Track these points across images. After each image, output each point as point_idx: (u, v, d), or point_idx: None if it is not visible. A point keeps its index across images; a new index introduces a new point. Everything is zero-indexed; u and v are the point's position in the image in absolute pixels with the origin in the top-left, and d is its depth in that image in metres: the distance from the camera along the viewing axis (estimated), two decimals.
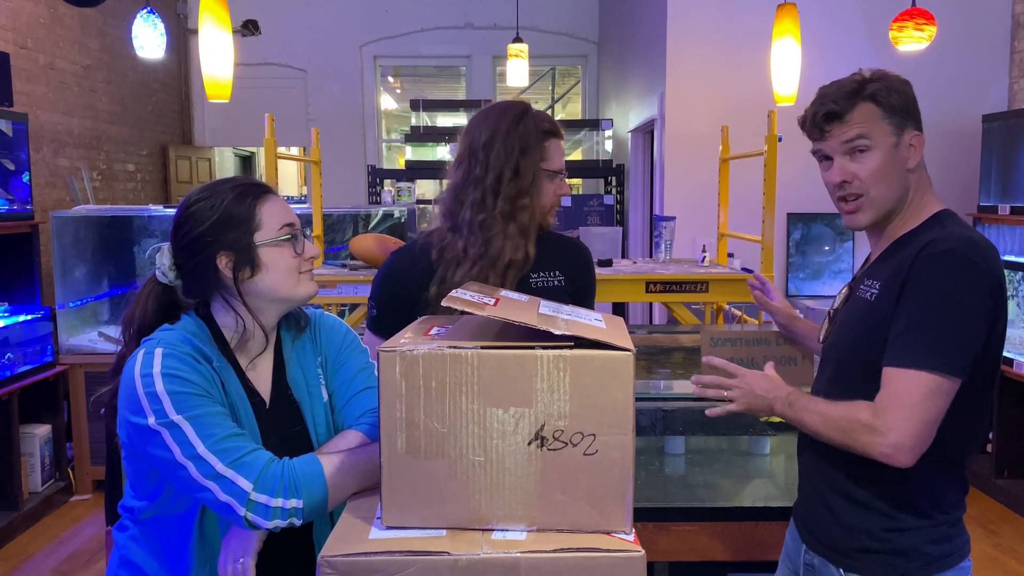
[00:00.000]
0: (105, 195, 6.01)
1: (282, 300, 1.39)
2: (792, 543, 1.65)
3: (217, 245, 1.34)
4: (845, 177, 1.43)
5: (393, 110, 10.29)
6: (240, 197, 1.36)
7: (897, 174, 1.43)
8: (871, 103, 1.42)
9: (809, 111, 1.47)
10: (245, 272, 1.35)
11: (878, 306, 1.41)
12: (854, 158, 1.42)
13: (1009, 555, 3.67)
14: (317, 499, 1.23)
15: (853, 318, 1.49)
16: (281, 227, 1.36)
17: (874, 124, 1.41)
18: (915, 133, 1.44)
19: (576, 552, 1.03)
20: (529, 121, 1.77)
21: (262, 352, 1.43)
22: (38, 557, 3.70)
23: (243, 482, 1.20)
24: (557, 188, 1.82)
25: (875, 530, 1.45)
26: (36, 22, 5.10)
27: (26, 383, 4.03)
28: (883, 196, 1.43)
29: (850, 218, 1.47)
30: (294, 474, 1.23)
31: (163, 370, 1.25)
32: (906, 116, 1.43)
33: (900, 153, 1.42)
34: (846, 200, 1.45)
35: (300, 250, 1.38)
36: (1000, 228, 4.58)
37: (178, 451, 1.21)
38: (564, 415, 1.06)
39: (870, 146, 1.41)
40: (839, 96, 1.43)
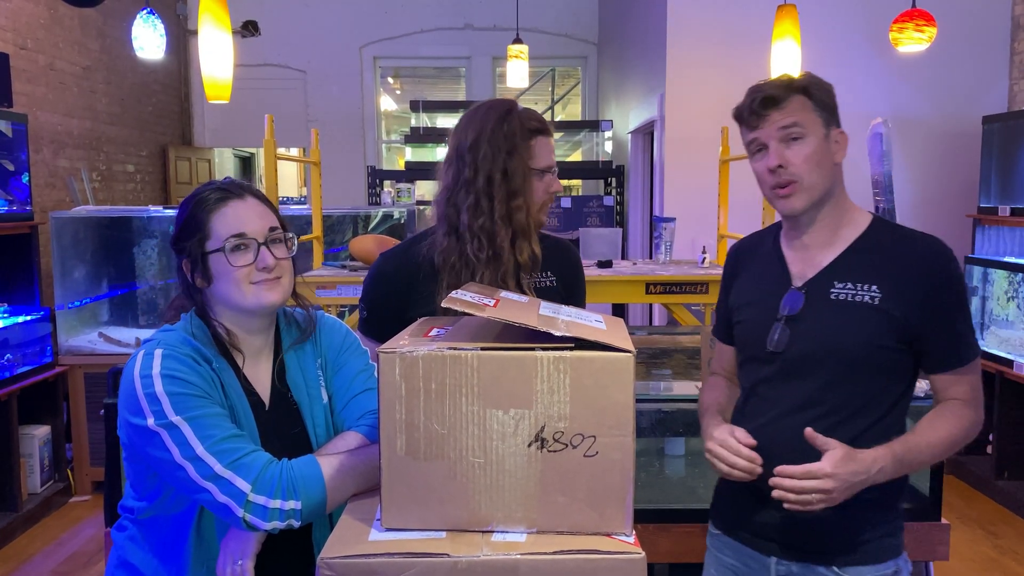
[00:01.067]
0: (105, 196, 6.01)
1: (237, 309, 1.37)
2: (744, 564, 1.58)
3: (182, 251, 1.36)
4: (781, 161, 1.47)
5: (393, 111, 10.29)
6: (200, 204, 1.36)
7: (828, 164, 1.49)
8: (803, 95, 1.48)
9: (746, 100, 1.52)
10: (200, 280, 1.36)
11: (889, 309, 1.44)
12: (789, 145, 1.47)
13: (1009, 556, 3.67)
14: (316, 501, 1.23)
15: (849, 320, 1.46)
16: (228, 236, 1.33)
17: (807, 113, 1.47)
18: (840, 131, 1.52)
19: (576, 554, 1.03)
20: (514, 120, 1.74)
21: (261, 354, 1.42)
22: (37, 558, 3.69)
23: (241, 483, 1.20)
24: (547, 185, 1.79)
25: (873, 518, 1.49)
26: (36, 23, 5.10)
27: (25, 384, 4.03)
28: (815, 183, 1.48)
29: (785, 203, 1.50)
30: (292, 475, 1.22)
31: (162, 371, 1.25)
32: (832, 113, 1.51)
33: (829, 145, 1.49)
34: (781, 186, 1.49)
35: (247, 260, 1.34)
36: (1000, 229, 4.58)
37: (177, 452, 1.21)
38: (564, 417, 1.06)
39: (804, 134, 1.46)
40: (774, 86, 1.49)
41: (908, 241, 1.50)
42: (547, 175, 1.79)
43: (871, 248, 1.50)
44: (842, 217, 1.53)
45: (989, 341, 4.55)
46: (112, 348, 4.50)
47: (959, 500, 4.29)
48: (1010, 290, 4.43)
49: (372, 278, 1.85)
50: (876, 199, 3.39)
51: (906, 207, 4.73)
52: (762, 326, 1.54)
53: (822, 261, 1.52)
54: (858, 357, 1.45)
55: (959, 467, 4.55)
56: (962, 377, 1.48)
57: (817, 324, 1.49)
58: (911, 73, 4.88)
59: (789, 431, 1.44)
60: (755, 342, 1.55)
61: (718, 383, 1.72)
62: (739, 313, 1.63)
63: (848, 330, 1.46)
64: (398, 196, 5.46)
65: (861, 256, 1.50)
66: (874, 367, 1.46)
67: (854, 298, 1.47)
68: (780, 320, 1.52)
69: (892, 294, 1.44)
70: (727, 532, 1.62)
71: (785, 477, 1.36)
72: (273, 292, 1.36)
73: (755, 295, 1.60)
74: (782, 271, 1.57)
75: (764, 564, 1.54)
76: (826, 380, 1.47)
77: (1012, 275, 4.38)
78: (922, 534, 2.12)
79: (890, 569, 1.49)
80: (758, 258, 1.65)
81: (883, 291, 1.45)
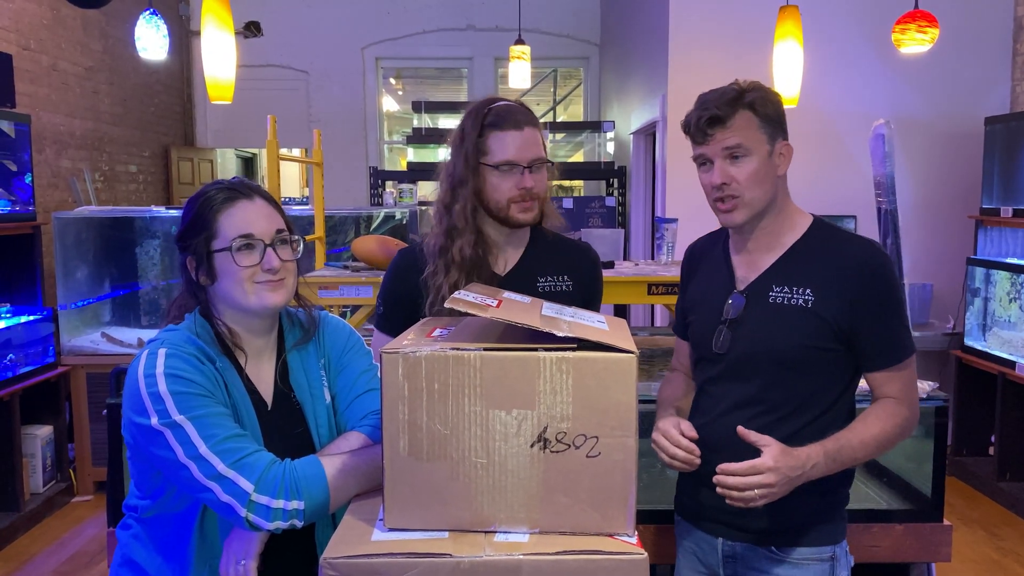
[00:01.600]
0: (107, 196, 6.01)
1: (240, 309, 1.38)
2: (698, 546, 1.66)
3: (187, 249, 1.37)
4: (724, 179, 1.53)
5: (395, 112, 10.30)
6: (207, 202, 1.36)
7: (770, 179, 1.54)
8: (749, 111, 1.52)
9: (693, 115, 1.56)
10: (204, 279, 1.36)
11: (819, 311, 1.51)
12: (733, 163, 1.52)
13: (1011, 558, 3.66)
14: (318, 501, 1.23)
15: (783, 323, 1.53)
16: (236, 236, 1.34)
17: (751, 132, 1.51)
18: (785, 143, 1.57)
19: (579, 554, 1.03)
20: (472, 115, 1.74)
21: (264, 354, 1.43)
22: (39, 558, 3.70)
23: (244, 483, 1.20)
24: (517, 182, 1.71)
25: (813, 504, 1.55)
26: (39, 23, 5.11)
27: (28, 384, 4.03)
28: (757, 198, 1.54)
29: (726, 216, 1.57)
30: (295, 476, 1.23)
31: (166, 370, 1.25)
32: (778, 126, 1.55)
33: (773, 160, 1.54)
34: (723, 200, 1.55)
35: (252, 261, 1.34)
36: (1002, 231, 4.58)
37: (180, 451, 1.22)
38: (567, 417, 1.06)
39: (748, 152, 1.51)
40: (721, 103, 1.52)
41: (841, 244, 1.56)
42: (514, 171, 1.72)
43: (807, 252, 1.57)
44: (784, 223, 1.59)
45: (991, 342, 4.54)
46: (115, 348, 4.51)
47: (961, 501, 4.28)
48: (1012, 291, 4.43)
49: (389, 275, 1.86)
50: (878, 200, 3.39)
51: (908, 208, 4.73)
52: (709, 328, 1.61)
53: (763, 265, 1.59)
54: (793, 358, 1.52)
55: (961, 468, 4.55)
56: (895, 375, 1.53)
57: (755, 327, 1.56)
58: (913, 74, 4.88)
59: (731, 428, 1.50)
60: (703, 343, 1.63)
61: (675, 379, 1.79)
62: (691, 314, 1.70)
63: (782, 332, 1.53)
64: (400, 197, 5.47)
65: (798, 260, 1.57)
66: (809, 367, 1.53)
67: (789, 301, 1.53)
68: (724, 323, 1.59)
69: (823, 296, 1.51)
70: (685, 518, 1.70)
71: (728, 475, 1.41)
72: (276, 293, 1.37)
73: (704, 297, 1.67)
74: (728, 274, 1.64)
75: (713, 545, 1.63)
76: (765, 380, 1.54)
77: (1014, 276, 4.37)
78: (924, 535, 2.12)
79: (827, 553, 1.56)
80: (710, 260, 1.72)
81: (816, 294, 1.52)
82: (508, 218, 1.74)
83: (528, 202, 1.74)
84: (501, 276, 1.78)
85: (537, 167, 1.73)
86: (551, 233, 1.87)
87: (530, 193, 1.73)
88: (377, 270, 3.36)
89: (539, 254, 1.83)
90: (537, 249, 1.84)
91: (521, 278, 1.78)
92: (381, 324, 1.85)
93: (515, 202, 1.72)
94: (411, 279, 1.77)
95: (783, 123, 1.57)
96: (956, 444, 4.63)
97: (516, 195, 1.72)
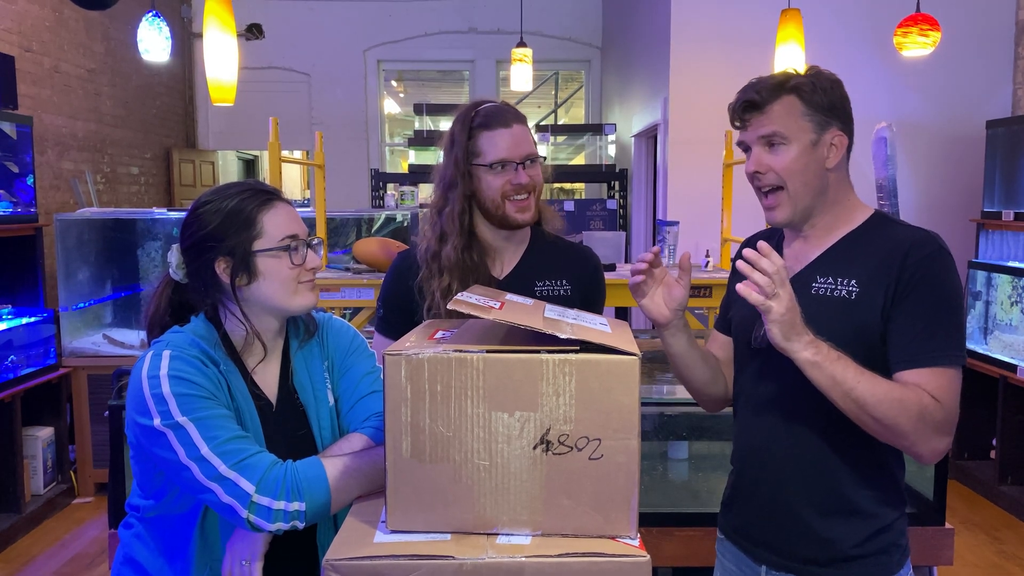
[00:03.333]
0: (109, 198, 6.02)
1: (278, 310, 1.39)
2: (739, 569, 1.56)
3: (217, 250, 1.34)
4: (758, 168, 1.43)
5: (396, 114, 10.31)
6: (244, 203, 1.35)
7: (813, 170, 1.42)
8: (794, 96, 1.41)
9: (734, 99, 1.47)
10: (242, 279, 1.35)
11: (862, 303, 1.38)
12: (769, 151, 1.42)
13: (1013, 562, 3.66)
14: (320, 502, 1.23)
15: (824, 316, 1.38)
16: (283, 237, 1.35)
17: (793, 119, 1.40)
18: (838, 133, 1.43)
19: (581, 557, 1.03)
20: (461, 119, 1.75)
21: (268, 356, 1.43)
22: (40, 560, 3.70)
23: (246, 484, 1.20)
24: (512, 178, 1.71)
25: (857, 536, 1.42)
26: (41, 25, 5.11)
27: (29, 385, 4.03)
28: (799, 192, 1.42)
29: (769, 214, 1.47)
30: (297, 477, 1.23)
31: (170, 372, 1.25)
32: (830, 115, 1.42)
33: (819, 151, 1.42)
34: (765, 194, 1.46)
35: (300, 261, 1.37)
36: (1004, 234, 4.58)
37: (183, 452, 1.22)
38: (570, 419, 1.06)
39: (786, 141, 1.41)
40: (763, 87, 1.43)
41: (894, 232, 1.42)
42: (505, 168, 1.71)
43: (857, 243, 1.45)
44: (839, 217, 1.47)
45: (992, 346, 4.54)
46: (116, 350, 4.51)
47: (962, 505, 4.28)
48: (1014, 295, 4.42)
49: (388, 277, 1.86)
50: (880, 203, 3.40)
51: (909, 211, 4.73)
52: (748, 321, 1.50)
53: (810, 257, 1.48)
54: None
55: (963, 472, 4.54)
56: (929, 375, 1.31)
57: None
58: (915, 77, 4.88)
59: (767, 431, 1.42)
60: (742, 337, 1.53)
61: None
62: (733, 307, 1.60)
63: (821, 325, 1.37)
64: (402, 199, 5.47)
65: (846, 250, 1.45)
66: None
67: (832, 292, 1.41)
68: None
69: (868, 288, 1.38)
70: (728, 537, 1.60)
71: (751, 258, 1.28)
72: (314, 293, 1.41)
73: None
74: None
75: (756, 572, 1.51)
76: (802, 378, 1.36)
77: (1016, 280, 4.37)
78: (926, 539, 2.12)
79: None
80: None
81: (861, 285, 1.39)
82: (505, 218, 1.73)
83: (524, 200, 1.73)
84: (498, 280, 1.77)
85: (531, 163, 1.73)
86: (550, 236, 1.86)
87: (525, 188, 1.72)
88: (378, 272, 3.37)
89: (538, 258, 1.82)
90: (536, 253, 1.83)
91: (519, 282, 1.77)
92: (381, 327, 1.85)
93: (511, 199, 1.72)
94: (410, 282, 1.77)
95: (839, 112, 1.43)
96: (957, 448, 4.62)
97: (511, 191, 1.71)
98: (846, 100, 1.45)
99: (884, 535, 1.43)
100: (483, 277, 1.74)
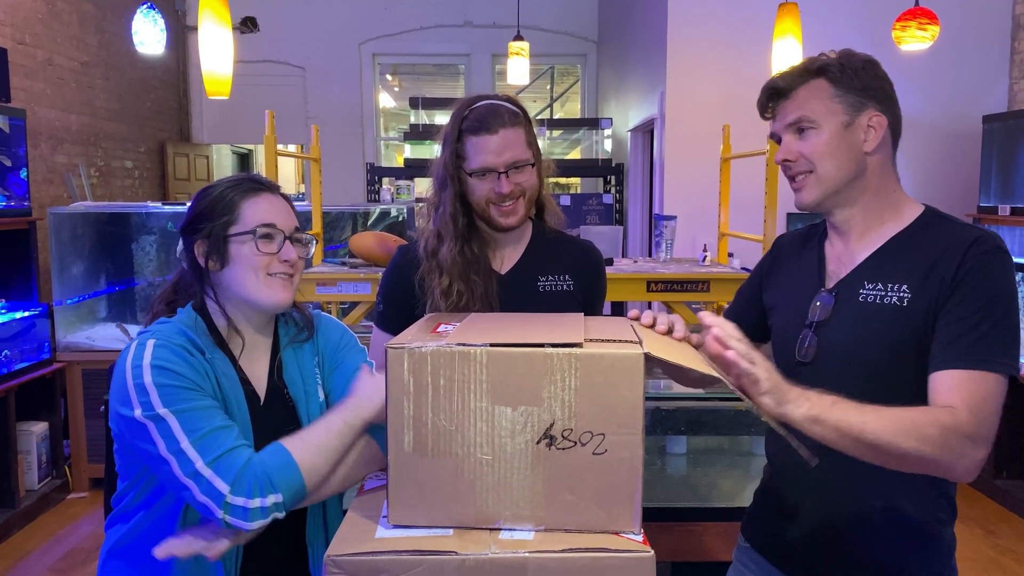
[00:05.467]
0: (103, 192, 5.98)
1: (246, 301, 1.36)
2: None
3: (199, 232, 1.35)
4: (788, 156, 1.36)
5: (391, 108, 10.28)
6: (232, 190, 1.37)
7: (848, 154, 1.33)
8: (822, 79, 1.33)
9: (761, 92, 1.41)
10: (214, 263, 1.35)
11: (916, 311, 1.26)
12: (799, 137, 1.35)
13: (1008, 555, 3.67)
14: (295, 486, 1.21)
15: (874, 326, 1.29)
16: (259, 224, 1.35)
17: (821, 102, 1.33)
18: (875, 113, 1.33)
19: (584, 552, 1.02)
20: (454, 118, 1.72)
21: (257, 349, 1.42)
22: (35, 555, 3.68)
23: (221, 484, 1.18)
24: (494, 187, 1.67)
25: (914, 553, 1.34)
26: (34, 17, 5.08)
27: (23, 380, 4.01)
28: (830, 175, 1.33)
29: (797, 196, 1.37)
30: (266, 469, 1.20)
31: (153, 361, 1.24)
32: (866, 95, 1.33)
33: (854, 133, 1.33)
34: (793, 178, 1.37)
35: (270, 249, 1.35)
36: (1000, 229, 4.58)
37: (163, 445, 1.20)
38: (573, 414, 1.05)
39: (815, 124, 1.33)
40: (789, 74, 1.36)
41: (949, 231, 1.29)
42: (487, 177, 1.68)
43: (908, 243, 1.32)
44: (885, 211, 1.35)
45: None
46: (110, 344, 4.48)
47: (958, 499, 4.28)
48: None
49: (387, 272, 1.85)
50: None
51: None
52: (792, 332, 1.39)
53: (857, 259, 1.36)
54: (885, 369, 1.28)
55: None
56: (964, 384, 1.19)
57: (841, 331, 1.33)
58: (911, 72, 4.88)
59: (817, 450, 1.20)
60: (785, 349, 1.40)
61: None
62: (771, 315, 1.49)
63: (872, 337, 1.29)
64: (398, 193, 5.45)
65: (897, 252, 1.32)
66: (906, 381, 1.26)
67: (882, 300, 1.29)
68: (809, 326, 1.36)
69: (922, 294, 1.26)
70: (755, 547, 1.50)
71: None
72: (286, 291, 1.37)
73: (788, 296, 1.44)
74: (819, 271, 1.41)
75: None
76: (851, 395, 1.21)
77: None
78: None
79: None
80: (800, 254, 1.49)
81: (913, 291, 1.27)
82: (490, 221, 1.72)
83: (509, 206, 1.70)
84: (500, 274, 1.76)
85: (516, 170, 1.68)
86: (553, 231, 1.84)
87: (507, 197, 1.68)
88: (375, 267, 3.35)
89: (540, 252, 1.81)
90: (538, 247, 1.81)
91: (521, 277, 1.76)
92: (380, 321, 1.84)
93: (495, 205, 1.70)
94: (410, 276, 1.76)
95: (877, 90, 1.34)
96: None
97: (495, 198, 1.69)
98: (884, 80, 1.36)
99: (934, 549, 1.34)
100: (484, 270, 1.73)
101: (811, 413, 1.13)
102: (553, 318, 1.28)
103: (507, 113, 1.69)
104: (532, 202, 1.74)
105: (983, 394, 1.19)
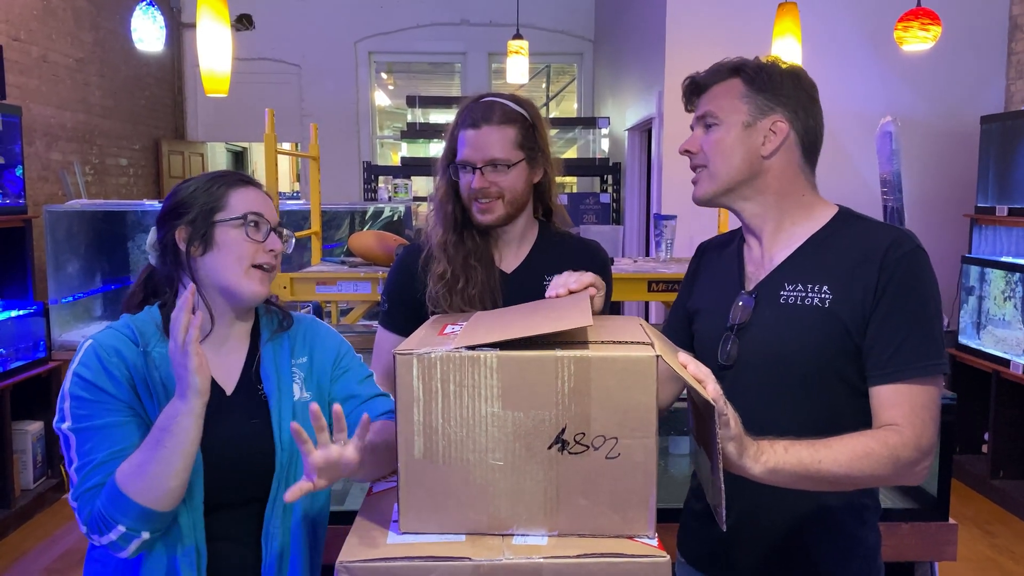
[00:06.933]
0: (97, 190, 5.95)
1: (226, 289, 1.35)
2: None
3: (182, 218, 1.35)
4: (690, 147, 1.39)
5: (386, 107, 10.25)
6: (217, 181, 1.38)
7: (743, 154, 1.34)
8: (737, 78, 1.35)
9: None
10: (197, 248, 1.34)
11: (838, 312, 1.27)
12: (705, 132, 1.38)
13: (1006, 555, 3.68)
14: (134, 512, 1.21)
15: (795, 328, 1.29)
16: (248, 212, 1.35)
17: (730, 100, 1.35)
18: (779, 119, 1.33)
19: (599, 557, 1.01)
20: (460, 110, 1.73)
21: (232, 342, 1.40)
22: (31, 555, 3.66)
23: (80, 520, 1.25)
24: (469, 181, 1.67)
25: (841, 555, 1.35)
26: (29, 14, 5.04)
27: (18, 379, 3.98)
28: (720, 172, 1.36)
29: (694, 191, 1.42)
30: (102, 506, 1.23)
31: (77, 368, 1.28)
32: (775, 101, 1.33)
33: (752, 136, 1.34)
34: (694, 170, 1.40)
35: (259, 237, 1.35)
36: (997, 229, 4.59)
37: (67, 459, 1.28)
38: (586, 418, 1.04)
39: (717, 121, 1.35)
40: (711, 70, 1.39)
41: (866, 232, 1.32)
42: (464, 171, 1.68)
43: (825, 244, 1.34)
44: (794, 213, 1.37)
45: (986, 340, 4.56)
46: None
47: (955, 499, 4.26)
48: (1007, 290, 4.44)
49: (392, 271, 1.84)
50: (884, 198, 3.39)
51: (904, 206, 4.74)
52: (714, 336, 1.39)
53: (775, 261, 1.37)
54: (807, 371, 1.29)
55: (955, 466, 4.55)
56: (903, 394, 1.22)
57: (763, 333, 1.33)
58: (909, 72, 4.88)
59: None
60: (708, 354, 1.37)
61: None
62: (695, 320, 1.49)
63: (793, 339, 1.29)
64: (395, 192, 5.43)
65: (814, 253, 1.34)
66: (828, 383, 1.28)
67: (802, 301, 1.30)
68: (731, 329, 1.36)
69: (843, 294, 1.27)
70: (697, 566, 1.46)
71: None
72: (263, 284, 1.37)
73: (710, 300, 1.45)
74: (738, 274, 1.42)
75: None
76: (774, 399, 1.29)
77: (1009, 275, 4.39)
78: (930, 534, 2.11)
79: None
80: (720, 259, 1.50)
81: (834, 292, 1.28)
82: (471, 218, 1.72)
83: (483, 203, 1.68)
84: (507, 273, 1.76)
85: (492, 169, 1.66)
86: (559, 232, 1.84)
87: (481, 194, 1.67)
88: (375, 266, 3.34)
89: (546, 252, 1.80)
90: (543, 247, 1.81)
91: (527, 276, 1.75)
92: (385, 321, 1.83)
93: (475, 201, 1.69)
94: (415, 275, 1.75)
95: (789, 100, 1.34)
96: (950, 442, 4.64)
97: (473, 194, 1.68)
98: (803, 91, 1.36)
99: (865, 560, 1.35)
100: (485, 260, 1.72)
101: (768, 466, 1.13)
102: (557, 304, 1.28)
103: (501, 111, 1.68)
104: (515, 204, 1.71)
105: (922, 403, 1.23)
